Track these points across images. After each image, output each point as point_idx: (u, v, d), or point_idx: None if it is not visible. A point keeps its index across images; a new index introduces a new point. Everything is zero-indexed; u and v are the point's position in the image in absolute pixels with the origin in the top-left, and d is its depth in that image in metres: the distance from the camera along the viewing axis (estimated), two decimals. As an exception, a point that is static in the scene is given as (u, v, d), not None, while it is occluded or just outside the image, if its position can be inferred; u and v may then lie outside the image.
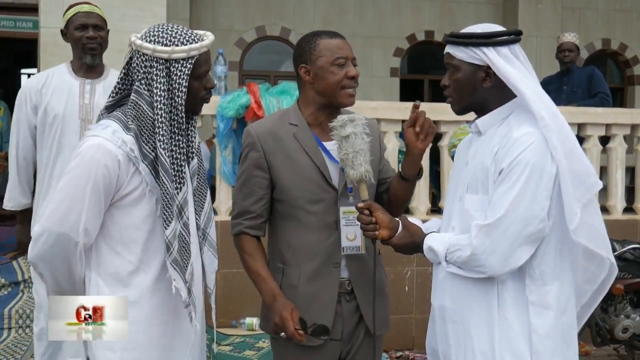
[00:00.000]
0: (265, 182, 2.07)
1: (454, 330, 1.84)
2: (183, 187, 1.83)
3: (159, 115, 1.78)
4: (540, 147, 1.72)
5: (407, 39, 10.19)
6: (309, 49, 2.07)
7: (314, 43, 2.07)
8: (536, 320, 1.76)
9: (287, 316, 1.94)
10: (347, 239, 2.05)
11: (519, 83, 1.77)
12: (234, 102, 4.42)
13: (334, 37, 2.08)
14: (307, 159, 2.05)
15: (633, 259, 3.82)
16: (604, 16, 10.58)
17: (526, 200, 1.70)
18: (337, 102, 2.06)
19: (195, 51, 1.80)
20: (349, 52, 2.07)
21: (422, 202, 4.84)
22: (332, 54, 2.04)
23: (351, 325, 2.10)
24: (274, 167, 2.06)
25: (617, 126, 5.26)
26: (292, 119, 2.11)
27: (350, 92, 2.06)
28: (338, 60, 2.04)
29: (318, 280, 2.05)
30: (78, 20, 3.17)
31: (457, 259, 1.78)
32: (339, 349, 2.09)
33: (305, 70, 2.07)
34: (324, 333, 1.98)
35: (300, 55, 2.09)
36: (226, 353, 4.00)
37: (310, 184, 2.05)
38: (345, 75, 2.04)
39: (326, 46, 2.05)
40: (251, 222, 2.09)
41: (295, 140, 2.07)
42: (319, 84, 2.06)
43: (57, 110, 3.12)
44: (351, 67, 2.06)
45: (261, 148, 2.07)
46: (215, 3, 9.80)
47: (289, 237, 2.08)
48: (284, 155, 2.06)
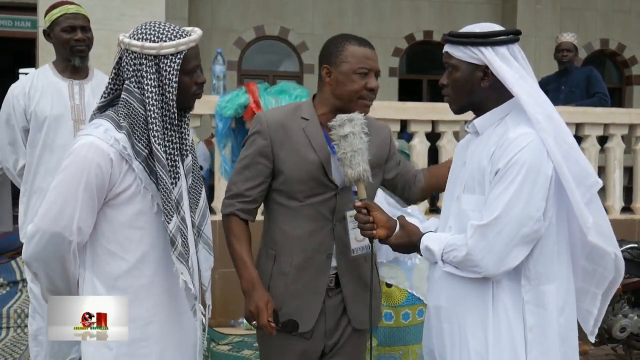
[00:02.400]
0: (267, 171, 2.09)
1: (449, 330, 1.84)
2: (178, 182, 1.84)
3: (152, 112, 1.78)
4: (536, 148, 1.72)
5: (406, 39, 10.20)
6: (336, 52, 2.06)
7: (342, 47, 2.06)
8: (531, 318, 1.76)
9: (262, 307, 1.98)
10: (356, 241, 2.07)
11: (514, 84, 1.77)
12: (233, 101, 4.43)
13: (362, 46, 2.06)
14: (313, 154, 2.06)
15: (631, 259, 3.82)
16: (602, 16, 10.60)
17: (522, 201, 1.70)
18: (353, 110, 2.05)
19: (183, 46, 1.81)
20: (374, 63, 2.06)
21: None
22: (357, 62, 2.03)
23: (334, 319, 2.12)
24: (279, 158, 2.07)
25: (615, 126, 5.27)
26: (304, 113, 2.11)
27: (367, 102, 2.06)
28: (361, 69, 2.03)
29: (309, 270, 2.07)
30: (65, 22, 3.13)
31: (453, 259, 1.78)
32: (322, 342, 2.12)
33: (327, 72, 2.07)
34: (294, 329, 2.03)
35: (326, 55, 2.09)
36: (224, 352, 4.00)
37: (312, 180, 2.06)
38: (365, 86, 2.04)
39: (353, 53, 2.04)
40: (244, 205, 2.10)
41: (304, 135, 2.08)
42: (337, 88, 2.06)
43: (46, 112, 3.11)
44: (372, 79, 2.05)
45: (269, 137, 2.07)
46: (214, 3, 9.80)
47: (284, 225, 2.09)
48: (291, 148, 2.07)
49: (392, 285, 2.74)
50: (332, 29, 9.65)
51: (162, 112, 1.81)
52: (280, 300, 2.07)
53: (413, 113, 4.94)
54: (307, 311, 2.07)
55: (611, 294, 1.94)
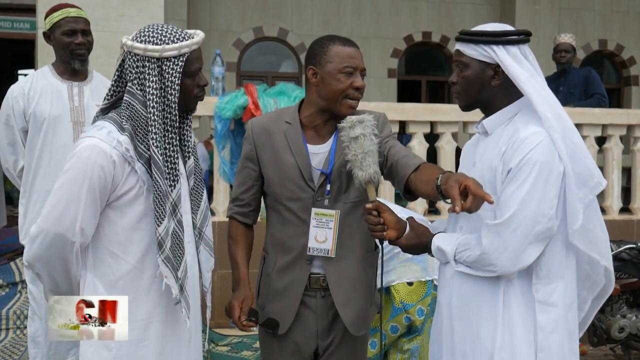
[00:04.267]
0: (254, 174, 2.16)
1: (460, 327, 1.86)
2: (177, 184, 1.85)
3: (152, 114, 1.80)
4: (547, 146, 1.74)
5: (405, 40, 10.21)
6: (321, 52, 2.08)
7: (326, 47, 2.07)
8: (542, 317, 1.78)
9: (235, 305, 2.08)
10: (315, 241, 2.08)
11: (525, 83, 1.79)
12: (232, 103, 4.43)
13: (347, 45, 2.08)
14: (291, 158, 2.09)
15: (629, 259, 3.83)
16: (600, 17, 10.62)
17: (535, 199, 1.72)
18: (337, 110, 2.07)
19: (186, 48, 1.82)
20: (359, 62, 2.07)
21: (419, 202, 4.85)
22: (342, 62, 2.04)
23: (326, 320, 2.13)
24: (262, 162, 2.14)
25: (614, 127, 5.28)
26: (287, 117, 2.15)
27: (352, 103, 2.07)
28: (346, 68, 2.04)
29: (289, 274, 2.11)
30: (67, 26, 3.14)
31: (467, 259, 1.80)
32: (314, 343, 2.13)
33: (313, 73, 2.09)
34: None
35: (312, 56, 2.11)
36: (224, 353, 4.01)
37: (290, 183, 2.09)
38: (351, 85, 2.05)
39: (337, 53, 2.05)
40: (240, 209, 2.21)
41: (284, 138, 2.11)
42: (323, 89, 2.08)
43: (46, 114, 3.12)
44: (358, 78, 2.06)
45: (253, 141, 2.15)
46: (213, 4, 9.81)
47: (272, 228, 2.17)
48: (272, 151, 2.12)
49: (413, 283, 2.77)
50: (330, 30, 9.65)
51: (163, 115, 1.82)
52: (264, 300, 2.16)
53: (411, 114, 4.95)
54: (284, 313, 2.11)
55: (601, 302, 1.97)
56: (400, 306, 2.73)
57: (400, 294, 2.74)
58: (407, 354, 2.78)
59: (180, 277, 1.84)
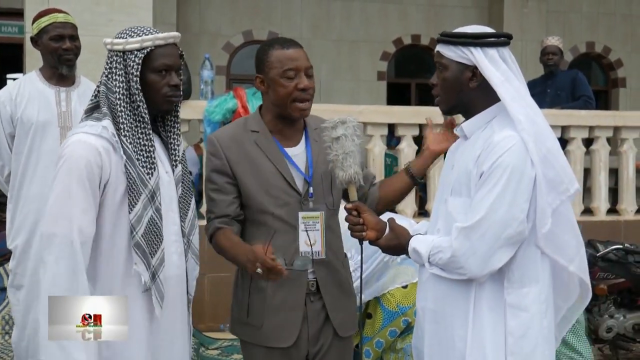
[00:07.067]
0: (233, 188, 2.07)
1: (435, 330, 1.86)
2: (154, 172, 1.87)
3: (119, 105, 1.86)
4: (520, 150, 1.74)
5: (394, 43, 10.23)
6: (263, 59, 2.06)
7: (267, 53, 2.05)
8: (512, 322, 1.77)
9: (259, 250, 1.85)
10: (305, 244, 2.05)
11: (499, 86, 1.79)
12: (221, 106, 4.43)
13: (286, 47, 2.04)
14: (270, 165, 2.06)
15: (616, 260, 3.86)
16: (588, 19, 10.69)
17: (505, 203, 1.72)
18: (288, 114, 2.06)
19: (148, 42, 1.87)
20: (301, 62, 2.03)
21: (408, 205, 4.87)
22: (282, 66, 2.01)
23: (317, 325, 2.10)
24: (238, 174, 2.06)
25: (601, 128, 5.32)
26: (252, 126, 2.11)
27: (301, 105, 2.04)
28: (288, 72, 2.01)
29: (286, 284, 2.02)
30: (54, 31, 3.12)
31: (439, 261, 1.80)
32: (305, 350, 2.10)
33: (260, 81, 2.08)
34: (306, 265, 1.96)
35: (257, 65, 2.09)
36: (214, 357, 4.00)
37: (275, 189, 2.06)
38: (296, 87, 2.02)
39: (277, 57, 2.02)
40: (227, 225, 2.06)
41: (257, 147, 2.07)
42: (272, 95, 2.06)
43: (33, 119, 3.10)
44: (302, 78, 2.03)
45: (224, 155, 2.07)
46: (202, 8, 9.79)
47: (256, 242, 2.01)
48: (248, 163, 2.07)
49: (408, 286, 2.78)
50: (319, 33, 9.67)
51: (132, 107, 1.87)
52: (260, 316, 2.07)
53: (400, 117, 4.97)
54: (288, 326, 2.06)
55: (577, 314, 1.96)
56: (397, 310, 2.74)
57: (397, 298, 2.75)
58: (400, 352, 2.79)
59: (154, 265, 1.84)
